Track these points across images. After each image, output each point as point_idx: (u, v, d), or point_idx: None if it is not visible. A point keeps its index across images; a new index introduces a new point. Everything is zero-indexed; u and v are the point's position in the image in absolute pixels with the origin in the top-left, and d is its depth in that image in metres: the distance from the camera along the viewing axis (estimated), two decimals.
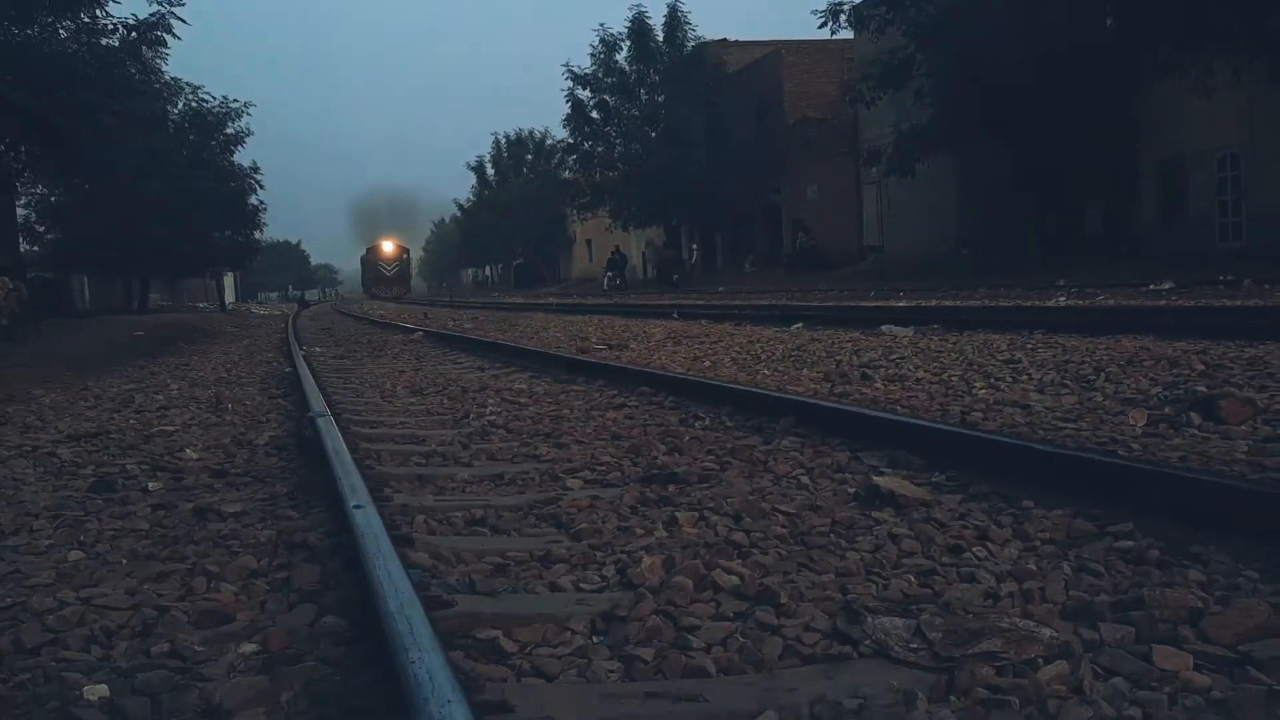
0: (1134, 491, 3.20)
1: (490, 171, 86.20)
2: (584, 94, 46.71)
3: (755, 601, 2.67)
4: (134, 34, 24.12)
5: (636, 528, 3.51)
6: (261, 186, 44.55)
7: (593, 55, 46.49)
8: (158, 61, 31.94)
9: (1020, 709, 1.97)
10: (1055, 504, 3.38)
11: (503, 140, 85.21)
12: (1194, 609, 2.39)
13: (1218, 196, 25.47)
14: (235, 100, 43.04)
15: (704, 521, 3.54)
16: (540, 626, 2.59)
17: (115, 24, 23.78)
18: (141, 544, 3.72)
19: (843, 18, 28.85)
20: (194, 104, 41.93)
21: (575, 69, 46.40)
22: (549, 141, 73.82)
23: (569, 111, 46.90)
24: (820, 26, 29.20)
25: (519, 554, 3.27)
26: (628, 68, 46.57)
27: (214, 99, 42.12)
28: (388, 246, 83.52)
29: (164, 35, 24.43)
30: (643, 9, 45.50)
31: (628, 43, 46.15)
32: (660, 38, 46.25)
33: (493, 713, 2.00)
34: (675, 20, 46.21)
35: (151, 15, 23.92)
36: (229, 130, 43.10)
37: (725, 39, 49.28)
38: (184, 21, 24.30)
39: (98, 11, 23.22)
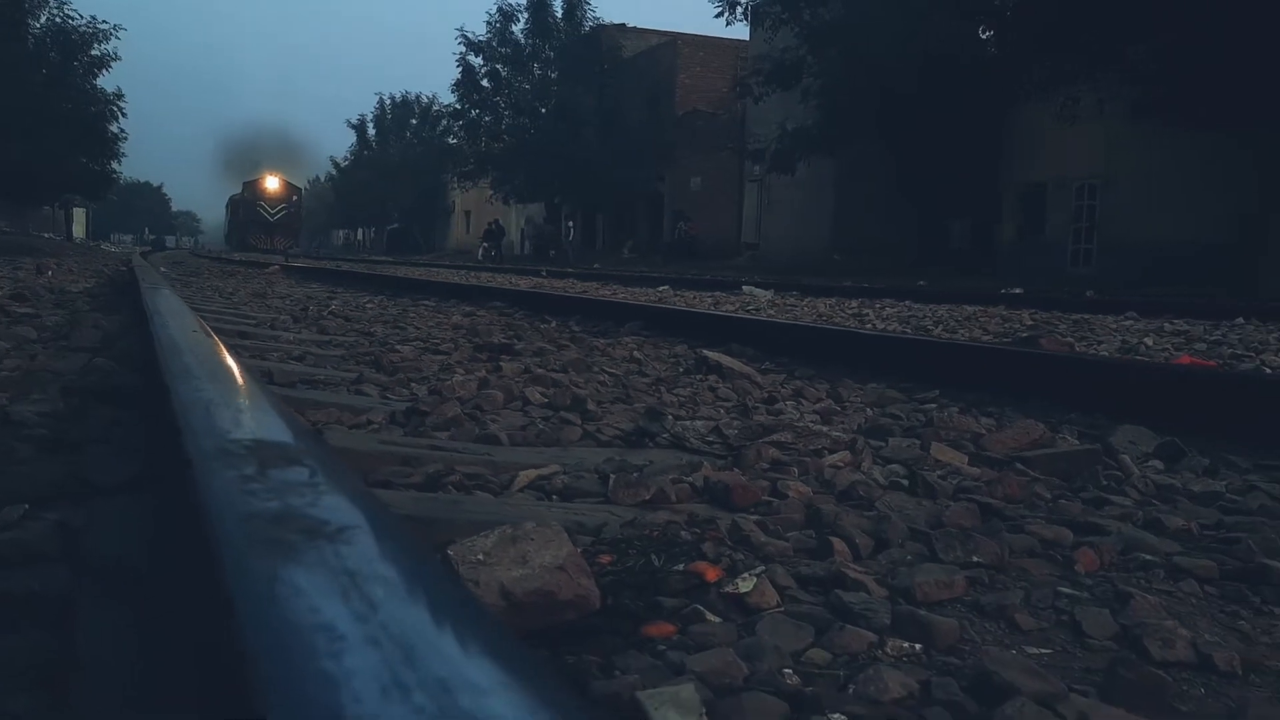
0: (943, 364, 3.31)
1: (372, 131, 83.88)
2: (476, 61, 46.05)
3: (564, 409, 2.65)
4: None
5: (458, 371, 3.45)
6: (124, 114, 42.20)
7: (489, 24, 45.88)
8: None
9: (799, 475, 2.00)
10: (871, 380, 3.46)
11: (388, 101, 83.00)
12: (977, 431, 2.48)
13: (1073, 224, 26.77)
14: (104, 22, 40.65)
15: (528, 372, 3.50)
16: (336, 411, 2.51)
17: None
18: None
19: (739, 10, 29.21)
20: (58, 19, 39.48)
21: (470, 35, 45.70)
22: (435, 108, 72.28)
23: (459, 76, 46.16)
24: (716, 15, 29.48)
25: (329, 377, 3.17)
26: (523, 40, 46.10)
27: (81, 17, 39.71)
28: (272, 182, 62.23)
29: None
30: None
31: (525, 15, 45.72)
32: (559, 14, 45.96)
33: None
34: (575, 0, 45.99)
35: None
36: (94, 52, 40.71)
37: (624, 24, 49.29)
38: None
39: None
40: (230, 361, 1.56)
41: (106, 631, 1.05)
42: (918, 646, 1.17)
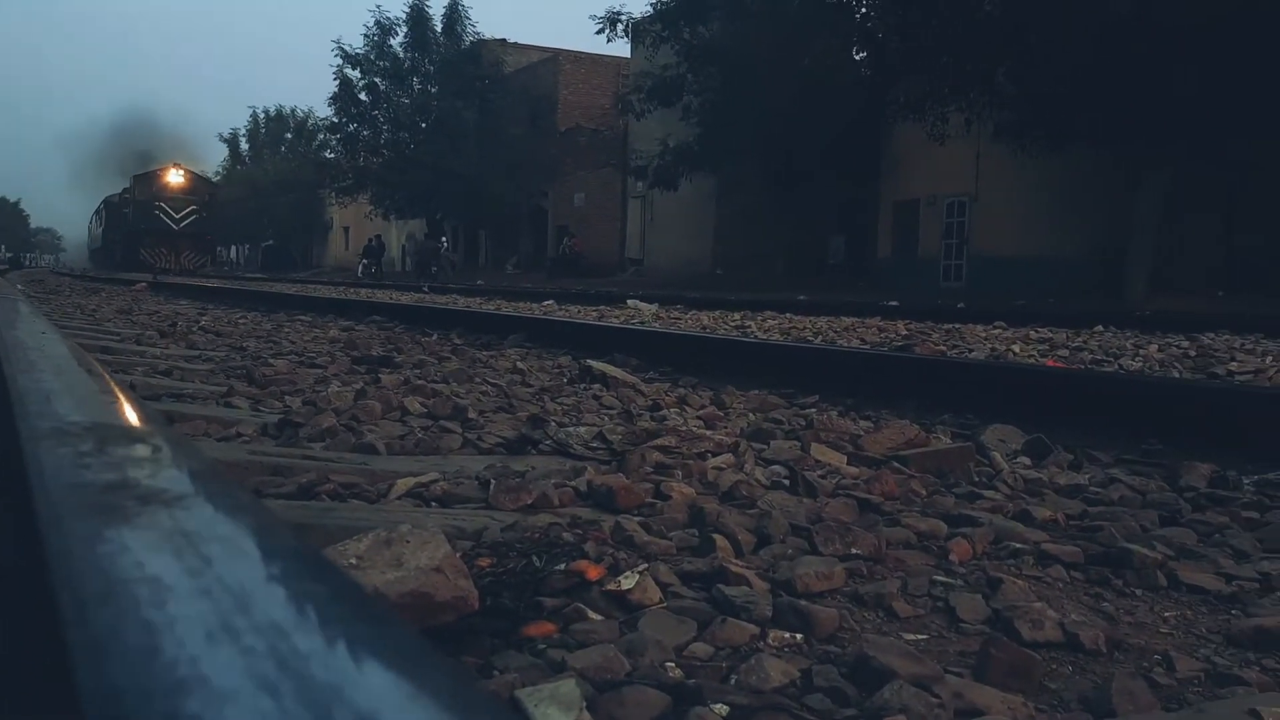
0: (823, 370, 3.37)
1: (245, 146, 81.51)
2: (354, 74, 45.22)
3: (444, 418, 2.60)
4: None
5: (335, 383, 3.35)
6: None
7: (366, 36, 45.14)
8: None
9: (682, 477, 2.00)
10: (754, 386, 3.50)
11: (261, 115, 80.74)
12: (855, 433, 2.53)
13: (944, 240, 27.76)
14: None
15: (408, 384, 3.42)
16: (203, 423, 2.40)
17: None
18: None
19: (620, 27, 29.44)
20: None
21: (347, 47, 44.85)
22: (311, 122, 70.57)
23: (336, 90, 45.24)
24: (598, 32, 29.66)
25: (198, 391, 3.05)
26: (402, 54, 45.50)
27: None
28: (176, 176, 45.92)
29: None
30: None
31: (404, 29, 45.14)
32: (438, 29, 45.52)
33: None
34: (455, 14, 45.61)
35: None
36: None
37: (504, 39, 49.11)
38: None
39: None
40: (79, 357, 1.48)
41: None
42: (799, 636, 1.18)
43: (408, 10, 45.95)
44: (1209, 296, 16.00)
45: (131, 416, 0.84)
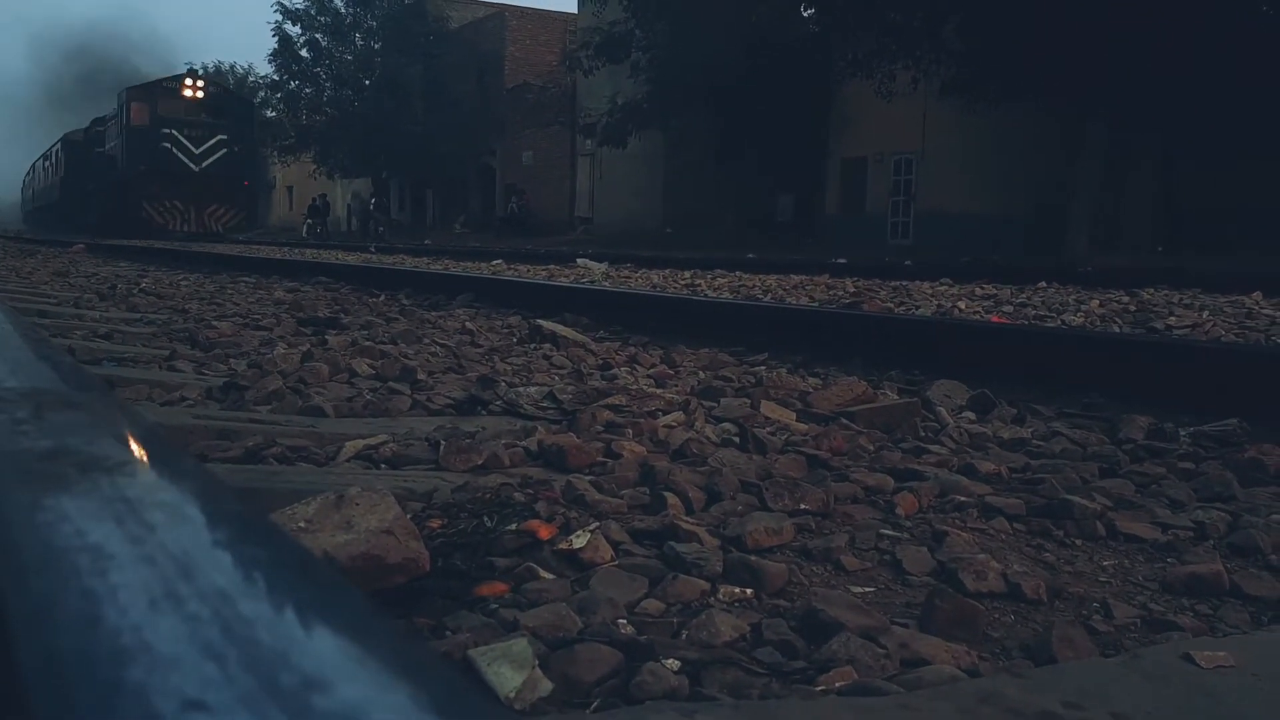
0: (771, 330, 3.39)
1: None
2: (294, 30, 44.15)
3: (393, 380, 2.58)
4: None
5: (281, 345, 3.30)
6: None
7: None
8: None
9: (633, 436, 2.00)
10: (704, 345, 3.51)
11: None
12: (804, 390, 2.55)
13: (892, 197, 27.95)
14: None
15: (355, 345, 3.39)
16: (146, 388, 2.36)
17: None
18: None
19: None
20: None
21: (286, 2, 43.75)
22: (251, 79, 68.90)
23: (276, 47, 44.16)
24: None
25: (139, 354, 2.99)
26: (343, 9, 44.50)
27: None
28: (192, 89, 32.28)
29: None
30: None
31: None
32: None
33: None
34: None
35: None
36: None
37: None
38: None
39: None
40: (14, 320, 1.44)
41: None
42: (749, 591, 1.19)
43: None
44: (1149, 252, 16.32)
45: (70, 381, 0.82)
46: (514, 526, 1.31)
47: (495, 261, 12.93)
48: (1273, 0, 15.03)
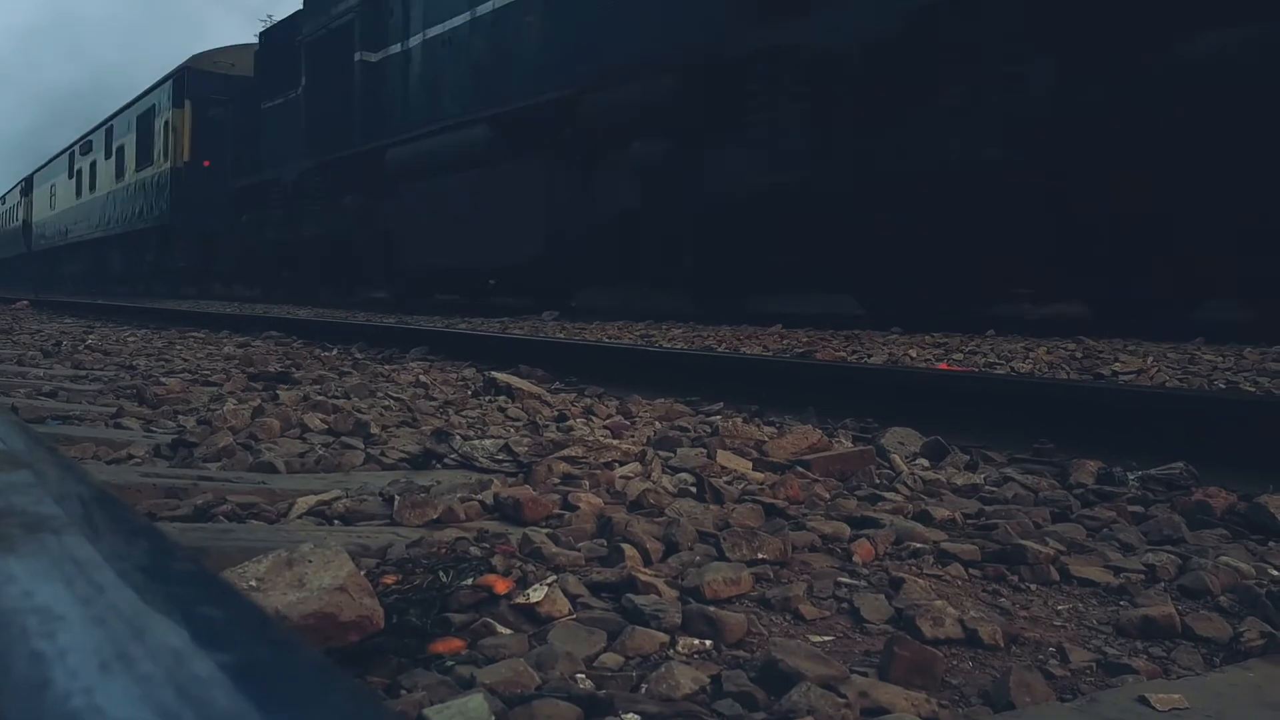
0: (721, 380, 3.40)
1: None
2: None
3: (346, 435, 2.55)
4: None
5: (231, 400, 3.26)
6: None
7: None
8: None
9: (590, 488, 1.99)
10: (659, 395, 3.52)
11: None
12: (760, 439, 2.56)
13: None
14: None
15: (307, 400, 3.35)
16: (92, 446, 2.31)
17: None
18: None
19: None
20: None
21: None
22: None
23: None
24: None
25: (85, 412, 2.93)
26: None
27: None
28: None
29: None
30: None
31: None
32: None
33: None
34: None
35: None
36: None
37: None
38: None
39: None
40: None
41: None
42: (708, 643, 1.18)
43: None
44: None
45: (14, 440, 0.80)
46: (470, 581, 1.30)
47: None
48: None
